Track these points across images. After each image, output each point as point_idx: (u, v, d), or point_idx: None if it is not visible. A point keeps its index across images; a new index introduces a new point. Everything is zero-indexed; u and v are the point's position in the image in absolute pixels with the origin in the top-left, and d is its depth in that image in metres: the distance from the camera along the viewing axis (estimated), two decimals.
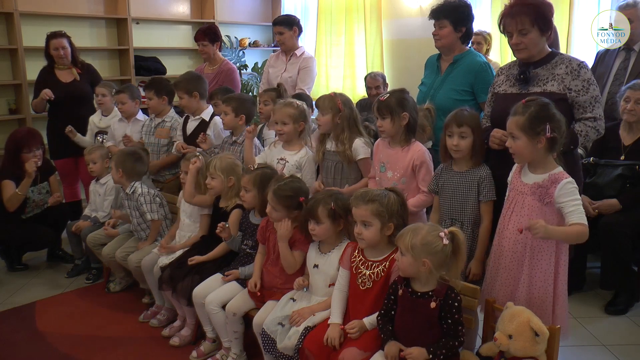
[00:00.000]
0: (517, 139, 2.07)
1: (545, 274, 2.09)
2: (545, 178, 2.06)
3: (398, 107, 2.54)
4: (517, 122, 2.06)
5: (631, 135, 3.27)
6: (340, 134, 2.83)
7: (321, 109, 2.84)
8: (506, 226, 2.18)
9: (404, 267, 1.94)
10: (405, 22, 5.95)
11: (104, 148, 3.75)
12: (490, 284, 2.24)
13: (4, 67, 5.10)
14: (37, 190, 3.83)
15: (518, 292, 2.11)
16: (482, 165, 2.43)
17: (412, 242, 1.89)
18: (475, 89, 3.03)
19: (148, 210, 3.18)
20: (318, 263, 2.36)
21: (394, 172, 2.61)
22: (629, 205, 3.10)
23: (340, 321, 2.17)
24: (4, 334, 3.00)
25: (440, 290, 1.91)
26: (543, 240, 2.06)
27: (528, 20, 2.37)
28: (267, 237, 2.57)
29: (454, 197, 2.44)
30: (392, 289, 2.05)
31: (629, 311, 3.11)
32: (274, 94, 3.69)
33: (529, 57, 2.47)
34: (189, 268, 2.79)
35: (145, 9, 6.01)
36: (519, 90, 2.51)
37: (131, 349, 2.84)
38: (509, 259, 2.15)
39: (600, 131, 2.46)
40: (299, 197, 2.44)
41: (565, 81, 2.41)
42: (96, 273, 3.67)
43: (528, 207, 2.10)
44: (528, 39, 2.40)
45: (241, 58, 6.74)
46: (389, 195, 2.15)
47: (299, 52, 4.33)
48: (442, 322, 1.90)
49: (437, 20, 3.08)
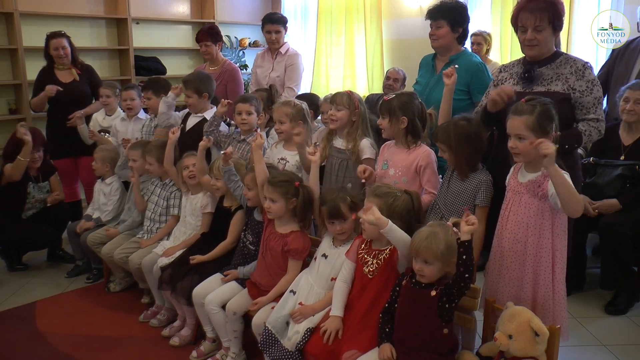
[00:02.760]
0: (524, 139, 2.05)
1: (546, 272, 2.09)
2: (539, 175, 2.08)
3: (398, 110, 2.55)
4: (526, 122, 2.03)
5: (631, 136, 3.27)
6: (354, 131, 2.86)
7: (338, 104, 2.86)
8: (504, 227, 2.18)
9: (432, 274, 1.92)
10: (405, 22, 5.95)
11: (109, 151, 3.74)
12: (494, 285, 2.23)
13: (4, 67, 5.10)
14: (38, 188, 3.83)
15: (523, 292, 2.11)
16: (481, 170, 2.40)
17: (440, 250, 1.88)
18: (471, 88, 3.03)
19: (176, 205, 3.22)
20: (328, 254, 2.37)
21: (395, 170, 2.61)
22: (629, 205, 3.10)
23: (341, 314, 2.18)
24: (4, 334, 3.00)
25: (442, 281, 1.92)
26: (542, 238, 2.07)
27: (546, 17, 2.36)
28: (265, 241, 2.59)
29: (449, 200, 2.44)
30: (398, 280, 2.06)
31: (629, 311, 3.11)
32: (264, 94, 3.69)
33: (539, 54, 2.46)
34: (189, 267, 2.80)
35: (145, 9, 6.01)
36: (523, 89, 2.50)
37: (131, 349, 2.84)
38: (510, 258, 2.15)
39: (602, 132, 2.47)
40: (294, 181, 2.48)
41: (569, 81, 2.41)
42: (97, 273, 3.67)
43: (524, 205, 2.11)
44: (542, 36, 2.40)
45: (241, 58, 6.74)
46: (401, 196, 2.16)
47: (283, 50, 4.31)
48: (441, 310, 1.89)
49: (435, 20, 3.08)
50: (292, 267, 2.49)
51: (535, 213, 2.09)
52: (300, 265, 2.49)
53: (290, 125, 2.96)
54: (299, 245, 2.47)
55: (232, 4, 6.82)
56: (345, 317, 2.19)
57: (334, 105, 2.88)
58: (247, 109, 3.23)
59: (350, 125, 2.87)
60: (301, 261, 2.50)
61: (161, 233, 3.22)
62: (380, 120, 2.63)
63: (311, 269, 2.45)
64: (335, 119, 2.87)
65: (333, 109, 2.88)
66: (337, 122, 2.88)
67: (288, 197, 2.47)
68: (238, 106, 3.27)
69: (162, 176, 3.32)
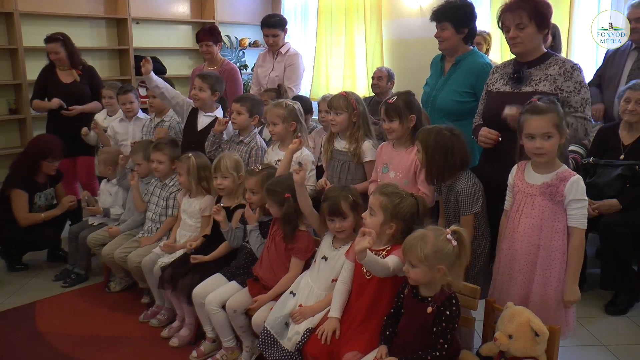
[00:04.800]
0: (552, 138, 2.04)
1: (560, 274, 2.09)
2: (553, 177, 2.07)
3: (406, 109, 2.56)
4: (553, 120, 2.03)
5: (631, 135, 3.27)
6: (355, 132, 2.85)
7: (336, 108, 2.85)
8: (516, 229, 2.16)
9: (417, 278, 1.89)
10: (405, 22, 5.95)
11: (111, 153, 3.73)
12: (504, 287, 2.21)
13: (4, 67, 5.11)
14: (44, 196, 3.84)
15: (532, 294, 2.11)
16: (459, 179, 2.37)
17: (424, 253, 1.85)
18: (476, 90, 3.00)
19: (175, 205, 3.22)
20: (328, 256, 2.37)
21: (396, 173, 2.61)
22: (629, 205, 3.09)
23: (339, 315, 2.18)
24: (4, 334, 3.00)
25: (441, 297, 1.89)
26: (555, 240, 2.08)
27: (526, 14, 2.40)
28: (271, 235, 2.59)
29: (447, 211, 2.46)
30: (402, 286, 2.05)
31: (629, 311, 3.11)
32: (273, 94, 3.68)
33: (523, 52, 2.48)
34: (190, 267, 2.80)
35: (145, 9, 6.02)
36: (512, 89, 2.52)
37: (131, 349, 2.84)
38: (523, 261, 2.14)
39: (588, 132, 2.48)
40: (284, 193, 2.46)
41: (557, 82, 2.42)
42: (75, 278, 3.61)
43: (539, 207, 2.10)
44: (525, 33, 2.43)
45: (241, 58, 6.75)
46: (406, 199, 2.14)
47: (284, 50, 4.31)
48: (434, 329, 1.87)
49: (439, 22, 3.04)
50: (295, 265, 2.48)
51: (549, 215, 2.08)
52: (302, 265, 2.49)
53: (283, 127, 2.97)
54: (303, 244, 2.47)
55: (232, 4, 6.82)
56: (345, 317, 2.19)
57: (332, 110, 2.87)
58: (237, 109, 3.23)
59: (352, 126, 2.86)
60: (304, 260, 2.50)
61: (160, 232, 3.22)
62: (388, 124, 2.60)
63: (311, 270, 2.44)
64: (336, 124, 2.87)
65: (332, 113, 2.87)
66: (338, 126, 2.88)
67: (281, 204, 2.47)
68: (232, 105, 3.29)
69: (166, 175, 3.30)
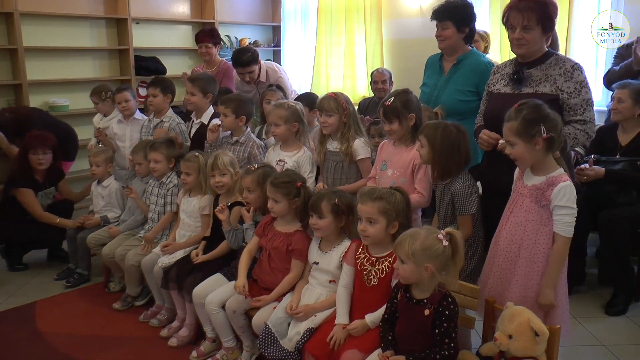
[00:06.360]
0: (515, 145, 2.05)
1: (539, 275, 2.08)
2: (543, 180, 2.06)
3: (404, 109, 2.56)
4: (512, 128, 2.05)
5: (627, 136, 3.28)
6: (346, 132, 2.86)
7: (326, 110, 2.85)
8: (503, 226, 2.19)
9: (406, 275, 1.88)
10: (405, 22, 5.95)
11: (108, 152, 3.75)
12: (483, 280, 2.25)
13: (4, 67, 5.10)
14: (45, 195, 3.84)
15: (509, 292, 2.11)
16: (456, 179, 2.36)
17: (412, 249, 1.84)
18: (479, 89, 3.00)
19: (173, 202, 3.22)
20: (319, 261, 2.38)
21: (394, 170, 2.61)
22: (612, 177, 3.08)
23: (347, 321, 2.16)
24: (4, 334, 3.00)
25: (436, 298, 1.88)
26: (539, 243, 2.08)
27: (535, 17, 2.35)
28: (265, 234, 2.58)
29: (440, 209, 2.46)
30: (394, 292, 2.03)
31: (628, 311, 3.11)
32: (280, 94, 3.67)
33: (526, 53, 2.46)
34: (192, 266, 2.82)
35: (145, 9, 6.01)
36: (512, 90, 2.51)
37: (131, 349, 2.83)
38: (502, 258, 2.16)
39: (591, 134, 2.45)
40: (296, 182, 2.47)
41: (557, 82, 2.41)
42: (78, 278, 3.61)
43: (526, 209, 2.10)
44: (530, 35, 2.39)
45: None
46: (395, 194, 2.15)
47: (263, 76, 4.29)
48: (434, 330, 1.86)
49: (440, 21, 3.04)
50: (295, 266, 2.48)
51: (534, 218, 2.08)
52: (303, 266, 2.48)
53: (285, 128, 2.97)
54: (303, 245, 2.47)
55: (232, 4, 6.82)
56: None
57: (323, 112, 2.88)
58: (222, 111, 3.23)
59: (343, 126, 2.88)
60: (304, 262, 2.48)
61: (159, 226, 3.21)
62: (388, 126, 2.60)
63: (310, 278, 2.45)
64: (328, 125, 2.88)
65: (323, 115, 2.88)
66: (330, 128, 2.90)
67: (290, 197, 2.47)
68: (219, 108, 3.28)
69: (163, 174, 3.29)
